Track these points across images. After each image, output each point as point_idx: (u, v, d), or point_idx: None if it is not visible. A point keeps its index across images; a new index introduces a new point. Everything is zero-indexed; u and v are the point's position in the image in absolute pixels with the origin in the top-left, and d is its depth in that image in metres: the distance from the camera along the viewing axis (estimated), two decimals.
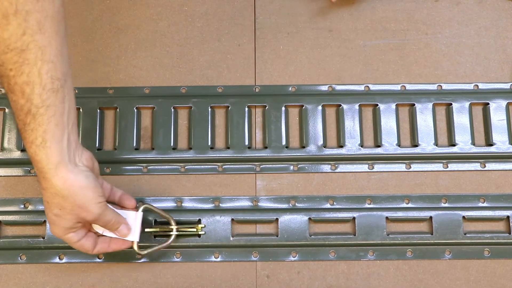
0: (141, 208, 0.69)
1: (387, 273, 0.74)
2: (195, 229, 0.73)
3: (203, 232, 0.73)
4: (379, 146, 0.77)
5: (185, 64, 0.80)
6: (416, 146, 0.77)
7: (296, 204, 0.75)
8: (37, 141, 0.56)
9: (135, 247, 0.68)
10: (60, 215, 0.60)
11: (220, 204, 0.75)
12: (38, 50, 0.53)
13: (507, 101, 0.78)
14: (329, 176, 0.77)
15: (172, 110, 0.78)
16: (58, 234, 0.62)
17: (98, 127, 0.77)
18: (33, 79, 0.54)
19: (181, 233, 0.72)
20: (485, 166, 0.77)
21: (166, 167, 0.77)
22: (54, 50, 0.54)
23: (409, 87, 0.79)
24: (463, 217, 0.75)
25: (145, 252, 0.69)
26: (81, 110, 0.78)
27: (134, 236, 0.68)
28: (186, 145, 0.78)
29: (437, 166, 0.77)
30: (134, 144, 0.77)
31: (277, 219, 0.75)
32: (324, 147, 0.77)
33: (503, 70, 0.80)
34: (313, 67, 0.80)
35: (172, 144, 0.77)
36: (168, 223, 0.72)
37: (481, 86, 0.79)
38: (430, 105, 0.78)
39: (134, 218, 0.68)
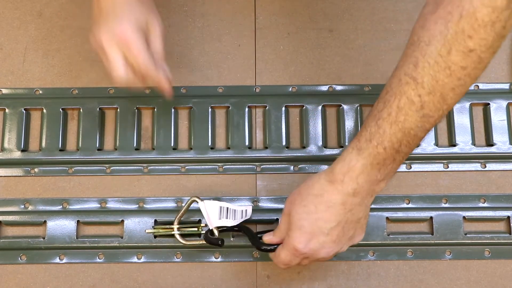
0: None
1: (387, 274, 0.74)
2: (196, 229, 0.72)
3: (203, 232, 0.73)
4: None
5: (186, 64, 0.80)
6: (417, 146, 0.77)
7: None
8: None
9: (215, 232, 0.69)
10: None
11: None
12: None
13: (508, 101, 0.78)
14: None
15: (173, 110, 0.78)
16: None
17: (98, 127, 0.77)
18: None
19: (182, 232, 0.72)
20: (485, 167, 0.77)
21: (167, 167, 0.77)
22: None
23: None
24: (464, 217, 0.75)
25: (190, 243, 0.71)
26: (81, 110, 0.78)
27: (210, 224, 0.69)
28: (186, 146, 0.78)
29: (438, 166, 0.77)
30: (135, 144, 0.77)
31: (277, 219, 0.75)
32: (325, 147, 0.77)
33: (504, 71, 0.80)
34: (313, 67, 0.80)
35: (172, 145, 0.77)
36: (169, 223, 0.72)
37: (482, 86, 0.79)
38: None
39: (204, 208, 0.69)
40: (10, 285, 0.73)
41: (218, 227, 0.69)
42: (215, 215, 0.69)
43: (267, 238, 0.65)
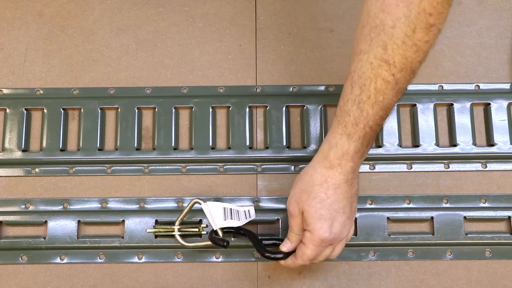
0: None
1: (388, 274, 0.74)
2: (197, 229, 0.72)
3: (204, 232, 0.73)
4: (380, 147, 0.77)
5: (186, 64, 0.80)
6: (417, 146, 0.77)
7: None
8: None
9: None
10: None
11: None
12: None
13: (508, 101, 0.78)
14: None
15: (173, 110, 0.78)
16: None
17: (99, 127, 0.77)
18: None
19: (183, 233, 0.72)
20: (486, 167, 0.77)
21: (167, 167, 0.77)
22: None
23: (410, 87, 0.79)
24: (464, 217, 0.75)
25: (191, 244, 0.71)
26: (82, 110, 0.78)
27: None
28: (187, 146, 0.78)
29: (438, 167, 0.77)
30: (135, 144, 0.77)
31: (278, 219, 0.75)
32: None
33: (505, 71, 0.80)
34: (314, 67, 0.80)
35: (173, 144, 0.77)
36: (170, 223, 0.72)
37: (482, 86, 0.79)
38: (431, 106, 0.78)
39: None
40: (11, 285, 0.73)
41: (222, 228, 0.69)
42: (219, 216, 0.69)
43: (286, 247, 0.66)
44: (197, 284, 0.73)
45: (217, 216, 0.69)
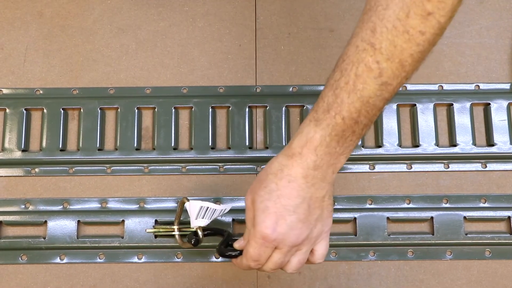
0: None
1: (388, 274, 0.74)
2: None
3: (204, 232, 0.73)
4: (380, 147, 0.77)
5: (186, 64, 0.80)
6: (417, 146, 0.77)
7: None
8: None
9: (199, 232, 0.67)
10: None
11: (221, 205, 0.75)
12: None
13: (508, 102, 0.78)
14: None
15: (173, 110, 0.78)
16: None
17: (99, 127, 0.77)
18: None
19: (183, 233, 0.72)
20: (486, 167, 0.77)
21: (167, 167, 0.77)
22: None
23: (410, 87, 0.79)
24: (464, 217, 0.75)
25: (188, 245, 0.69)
26: (82, 110, 0.78)
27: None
28: (187, 146, 0.78)
29: (438, 167, 0.77)
30: (135, 144, 0.77)
31: None
32: None
33: (505, 71, 0.80)
34: (314, 67, 0.80)
35: (173, 144, 0.77)
36: (169, 223, 0.72)
37: (482, 86, 0.79)
38: (431, 105, 0.78)
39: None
40: (11, 285, 0.73)
41: (201, 228, 0.67)
42: (194, 215, 0.67)
43: (238, 244, 0.61)
44: (196, 284, 0.73)
45: (192, 214, 0.67)
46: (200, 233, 0.67)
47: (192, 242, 0.67)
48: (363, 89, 0.51)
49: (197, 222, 0.67)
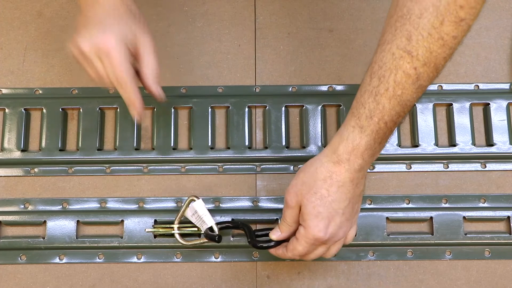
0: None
1: (387, 274, 0.74)
2: (196, 228, 0.72)
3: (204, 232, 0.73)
4: None
5: (186, 64, 0.80)
6: (417, 146, 0.77)
7: None
8: None
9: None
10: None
11: (220, 205, 0.75)
12: None
13: (508, 101, 0.78)
14: None
15: (173, 110, 0.78)
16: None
17: (98, 127, 0.77)
18: None
19: (182, 232, 0.72)
20: (485, 167, 0.77)
21: (167, 167, 0.77)
22: None
23: None
24: (464, 217, 0.75)
25: (190, 243, 0.71)
26: (81, 110, 0.78)
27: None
28: (186, 146, 0.78)
29: (438, 167, 0.77)
30: (135, 144, 0.77)
31: (277, 219, 0.75)
32: (325, 147, 0.77)
33: (504, 70, 0.80)
34: (313, 67, 0.80)
35: (172, 145, 0.77)
36: (169, 223, 0.72)
37: (482, 86, 0.79)
38: (430, 105, 0.78)
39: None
40: (10, 285, 0.73)
41: (217, 224, 0.69)
42: (207, 213, 0.69)
43: (275, 235, 0.65)
44: (196, 284, 0.73)
45: (206, 213, 0.69)
46: (215, 228, 0.69)
47: (216, 239, 0.68)
48: (402, 94, 0.54)
49: (211, 219, 0.69)
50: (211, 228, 0.69)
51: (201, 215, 0.69)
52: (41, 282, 0.73)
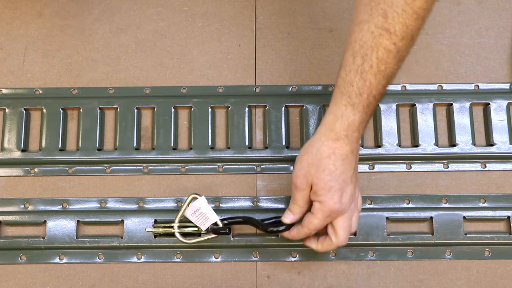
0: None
1: (387, 274, 0.74)
2: (196, 228, 0.72)
3: (204, 232, 0.73)
4: (379, 146, 0.77)
5: (186, 64, 0.80)
6: (417, 146, 0.77)
7: None
8: None
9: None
10: None
11: (221, 205, 0.75)
12: None
13: (508, 101, 0.78)
14: None
15: (173, 110, 0.78)
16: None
17: (98, 127, 0.77)
18: None
19: (182, 231, 0.72)
20: (485, 166, 0.77)
21: (167, 167, 0.77)
22: None
23: (409, 87, 0.79)
24: (464, 217, 0.75)
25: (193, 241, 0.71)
26: (81, 110, 0.78)
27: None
28: (186, 145, 0.78)
29: (438, 166, 0.77)
30: (135, 144, 0.77)
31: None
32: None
33: (504, 70, 0.80)
34: (313, 67, 0.80)
35: (172, 144, 0.77)
36: (169, 223, 0.72)
37: (482, 86, 0.79)
38: (430, 105, 0.78)
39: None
40: (10, 285, 0.73)
41: (222, 219, 0.70)
42: (210, 209, 0.70)
43: (288, 219, 0.67)
44: (196, 284, 0.73)
45: (209, 209, 0.69)
46: (220, 224, 0.69)
47: (227, 231, 0.69)
48: (385, 69, 0.59)
49: (215, 214, 0.70)
50: (215, 224, 0.69)
51: (205, 211, 0.69)
52: (41, 282, 0.73)
